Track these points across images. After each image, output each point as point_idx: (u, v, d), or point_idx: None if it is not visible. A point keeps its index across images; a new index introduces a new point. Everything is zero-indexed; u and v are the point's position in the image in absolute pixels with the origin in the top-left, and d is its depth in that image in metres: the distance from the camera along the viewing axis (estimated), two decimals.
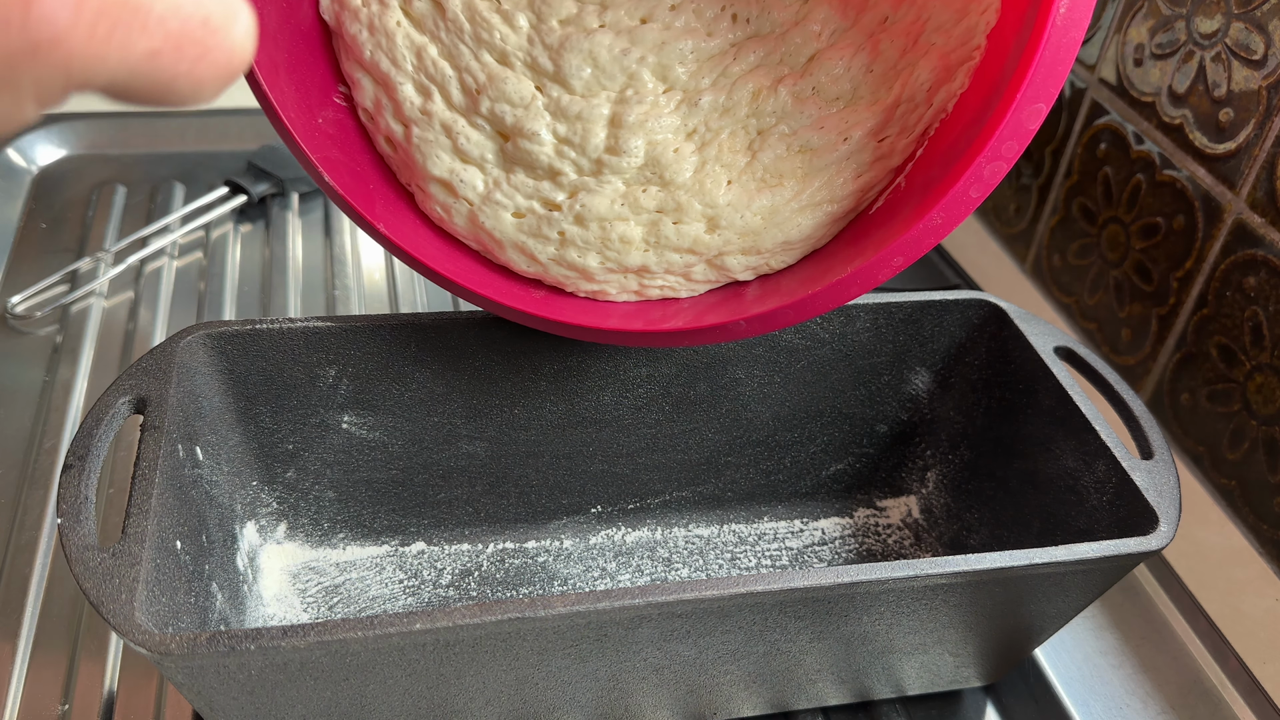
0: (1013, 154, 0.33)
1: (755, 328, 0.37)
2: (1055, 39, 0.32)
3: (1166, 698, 0.45)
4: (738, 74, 0.39)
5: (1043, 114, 0.33)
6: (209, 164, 0.71)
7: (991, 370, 0.47)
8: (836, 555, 0.49)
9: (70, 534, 0.32)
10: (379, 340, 0.42)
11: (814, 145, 0.39)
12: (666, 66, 0.39)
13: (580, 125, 0.39)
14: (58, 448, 0.50)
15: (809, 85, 0.39)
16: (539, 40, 0.39)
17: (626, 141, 0.39)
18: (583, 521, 0.48)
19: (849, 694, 0.42)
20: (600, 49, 0.39)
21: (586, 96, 0.39)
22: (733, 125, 0.39)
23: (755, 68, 0.39)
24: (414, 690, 0.34)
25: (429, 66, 0.39)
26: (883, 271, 0.35)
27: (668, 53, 0.39)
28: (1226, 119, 0.52)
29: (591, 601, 0.32)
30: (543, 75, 0.39)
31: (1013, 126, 0.33)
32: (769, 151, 0.39)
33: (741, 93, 0.39)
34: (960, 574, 0.35)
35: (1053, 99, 0.32)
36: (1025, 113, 0.33)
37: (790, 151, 0.39)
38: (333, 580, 0.45)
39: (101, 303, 0.59)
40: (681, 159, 0.39)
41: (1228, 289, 0.53)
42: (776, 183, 0.39)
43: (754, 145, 0.40)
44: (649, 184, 0.40)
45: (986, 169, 0.33)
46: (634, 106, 0.39)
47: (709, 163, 0.39)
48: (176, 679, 0.32)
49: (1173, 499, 0.39)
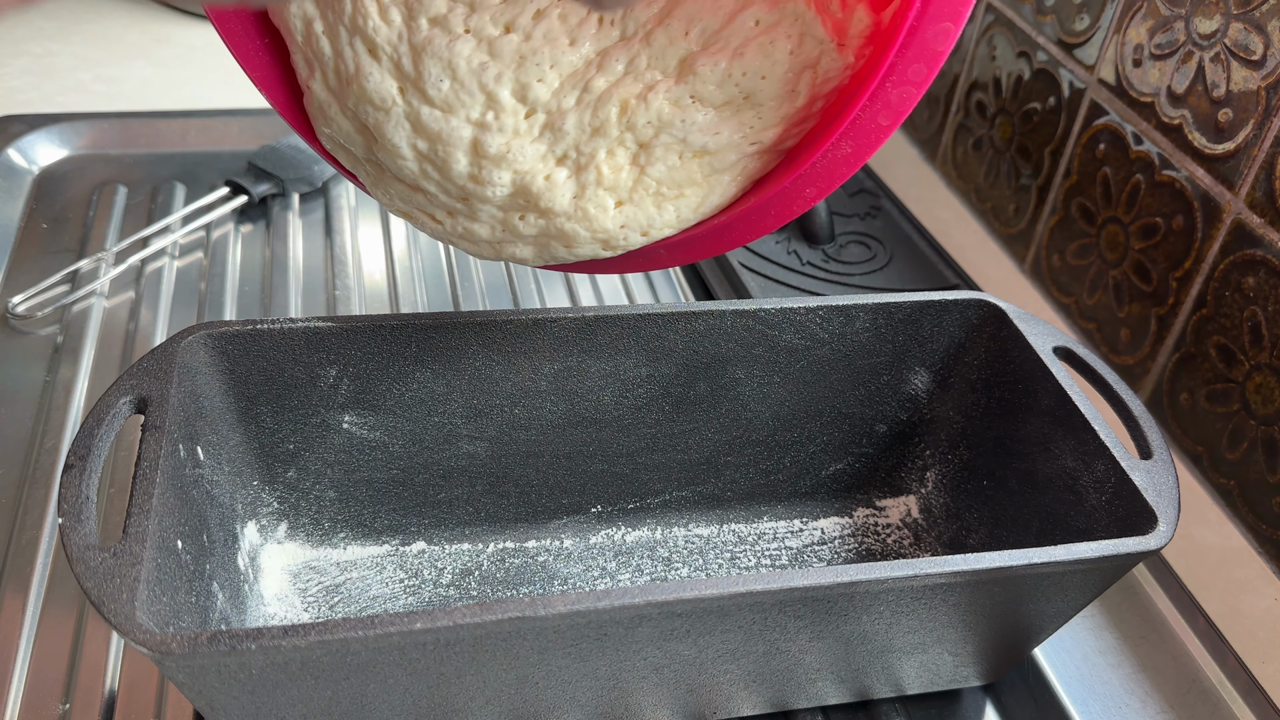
0: (921, 78, 0.33)
1: (675, 256, 0.39)
2: None
3: (1165, 697, 0.45)
4: (602, 88, 0.36)
5: (951, 34, 0.32)
6: (210, 164, 0.71)
7: (991, 370, 0.47)
8: (836, 555, 0.49)
9: (71, 533, 0.32)
10: (379, 340, 0.42)
11: (712, 148, 0.37)
12: (525, 85, 0.36)
13: (441, 148, 0.37)
14: (59, 447, 0.50)
15: (685, 92, 0.36)
16: (407, 38, 0.37)
17: (490, 173, 0.37)
18: (583, 521, 0.49)
19: (848, 693, 0.42)
20: (459, 59, 0.36)
21: (446, 113, 0.36)
22: (608, 144, 0.37)
23: (621, 78, 0.37)
24: (414, 689, 0.34)
25: (314, 42, 0.37)
26: (797, 204, 0.36)
27: (527, 69, 0.36)
28: (1225, 119, 0.52)
29: (591, 601, 0.32)
30: (406, 79, 0.37)
31: (918, 49, 0.32)
32: (658, 165, 0.37)
33: (608, 109, 0.36)
34: (959, 573, 0.35)
35: (961, 19, 0.31)
36: (930, 33, 0.32)
37: (685, 160, 0.37)
38: (333, 580, 0.45)
39: (102, 303, 0.59)
40: (554, 186, 0.37)
41: (1227, 289, 0.53)
42: (677, 194, 0.37)
43: (639, 160, 0.37)
44: (525, 211, 0.37)
45: (894, 94, 0.33)
46: (495, 135, 0.36)
47: (589, 187, 0.37)
48: (177, 678, 0.32)
49: (1171, 499, 0.39)
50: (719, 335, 0.46)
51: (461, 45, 0.36)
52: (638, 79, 0.37)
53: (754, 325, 0.46)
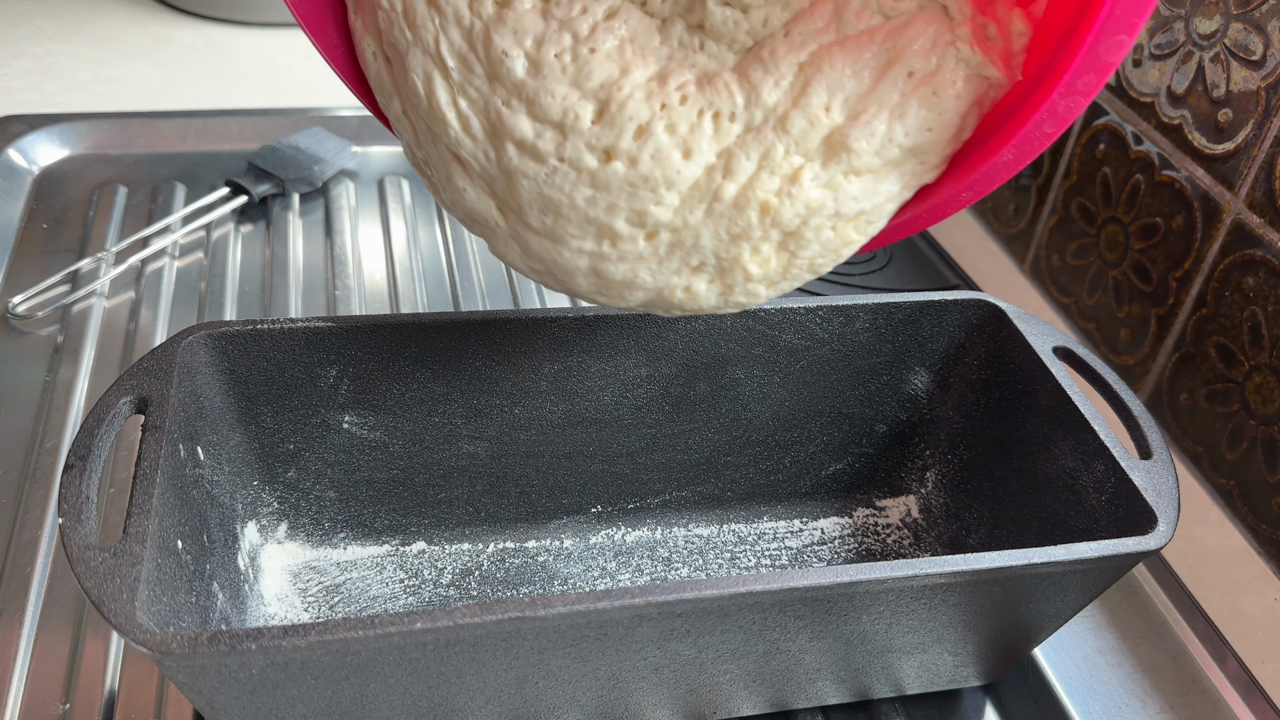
0: (1090, 88, 0.32)
1: None
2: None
3: (1165, 697, 0.45)
4: (733, 194, 0.34)
5: (1126, 45, 0.31)
6: (210, 164, 0.71)
7: (990, 370, 0.47)
8: (836, 555, 0.49)
9: (71, 533, 0.32)
10: (379, 340, 0.42)
11: (869, 209, 0.35)
12: (642, 212, 0.34)
13: (558, 271, 0.36)
14: (59, 447, 0.50)
15: (837, 171, 0.34)
16: (495, 159, 0.35)
17: (618, 293, 0.36)
18: (583, 521, 0.49)
19: (848, 693, 0.42)
20: (559, 195, 0.34)
21: (555, 243, 0.35)
22: (751, 244, 0.35)
23: (755, 175, 0.34)
24: (414, 689, 0.34)
25: (412, 152, 0.36)
26: (949, 209, 0.36)
27: (639, 197, 0.34)
28: (1225, 119, 0.52)
29: (591, 601, 0.32)
30: (503, 202, 0.35)
31: (1090, 60, 0.31)
32: (811, 246, 0.35)
33: (747, 215, 0.34)
34: (959, 573, 0.35)
35: (1136, 30, 0.31)
36: (1105, 45, 0.31)
37: (840, 228, 0.35)
38: (334, 580, 0.45)
39: (103, 303, 0.59)
40: (697, 295, 0.36)
41: (1226, 289, 0.53)
42: (832, 258, 0.36)
43: (788, 246, 0.35)
44: (669, 306, 0.37)
45: (1061, 104, 0.32)
46: (615, 265, 0.35)
47: (735, 286, 0.36)
48: (177, 678, 0.32)
49: (1171, 499, 0.39)
50: (719, 335, 0.46)
51: (559, 179, 0.34)
52: (774, 172, 0.34)
53: (754, 325, 0.46)
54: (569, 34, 0.34)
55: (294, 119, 0.75)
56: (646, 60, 0.34)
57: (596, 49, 0.34)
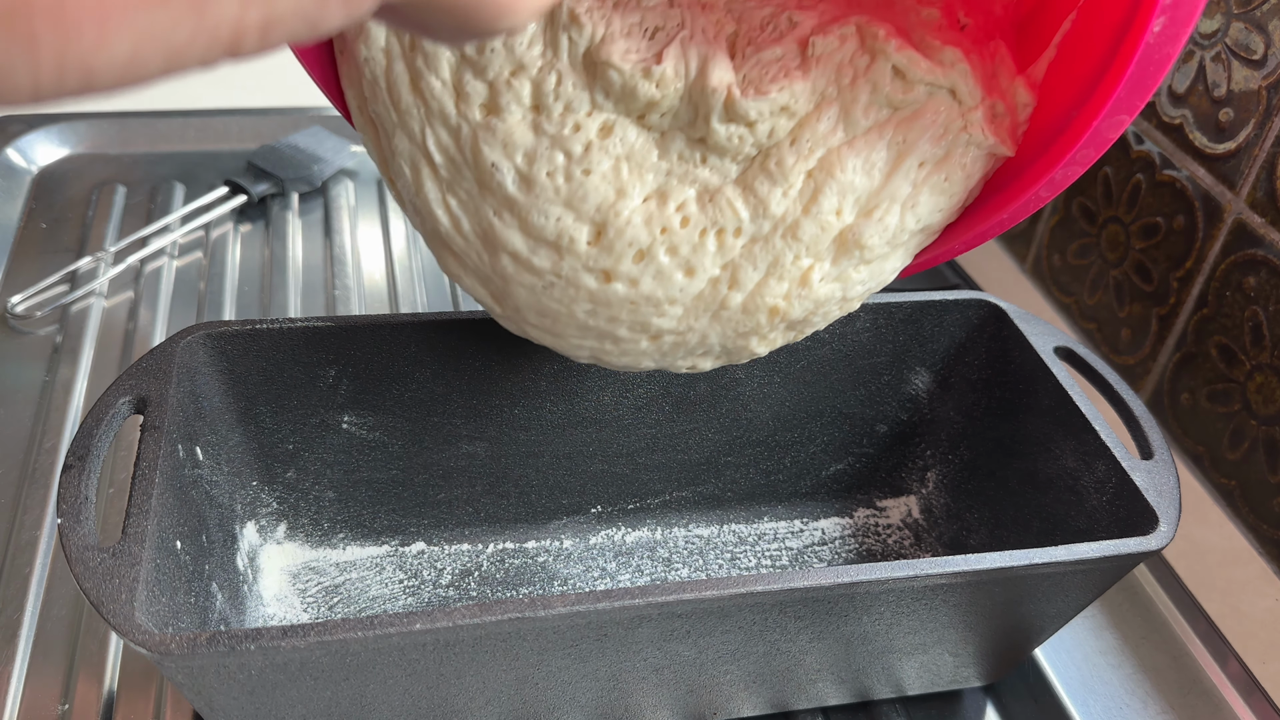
0: (1087, 159, 0.33)
1: None
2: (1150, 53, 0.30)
3: (1166, 698, 0.45)
4: (740, 301, 0.34)
5: (1125, 124, 0.32)
6: (209, 164, 0.71)
7: (991, 370, 0.47)
8: (836, 555, 0.49)
9: (70, 534, 0.32)
10: (379, 340, 0.42)
11: (876, 288, 0.36)
12: (644, 323, 0.34)
13: (561, 349, 0.36)
14: (58, 447, 0.50)
15: (849, 266, 0.34)
16: (489, 263, 0.34)
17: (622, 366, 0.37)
18: (583, 521, 0.48)
19: (849, 694, 0.42)
20: (557, 306, 0.34)
21: (555, 337, 0.36)
22: (759, 336, 0.35)
23: (763, 280, 0.34)
24: (414, 690, 0.34)
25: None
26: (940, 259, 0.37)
27: (642, 311, 0.34)
28: (1226, 119, 0.52)
29: (591, 601, 0.32)
30: (500, 298, 0.35)
31: (1091, 137, 0.32)
32: (817, 324, 0.36)
33: (755, 317, 0.34)
34: (960, 574, 0.35)
35: (1136, 111, 0.31)
36: (1107, 124, 0.32)
37: (845, 305, 0.36)
38: (333, 580, 0.45)
39: (101, 302, 0.59)
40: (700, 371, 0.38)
41: (1227, 289, 0.53)
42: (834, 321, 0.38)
43: (797, 328, 0.36)
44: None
45: (1060, 174, 0.33)
46: (617, 359, 0.36)
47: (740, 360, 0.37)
48: (176, 679, 0.32)
49: (1172, 499, 0.39)
50: None
51: (557, 293, 0.34)
52: (783, 278, 0.34)
53: None
54: (561, 152, 0.33)
55: (293, 118, 0.74)
56: (644, 178, 0.33)
57: (591, 170, 0.33)
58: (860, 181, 0.33)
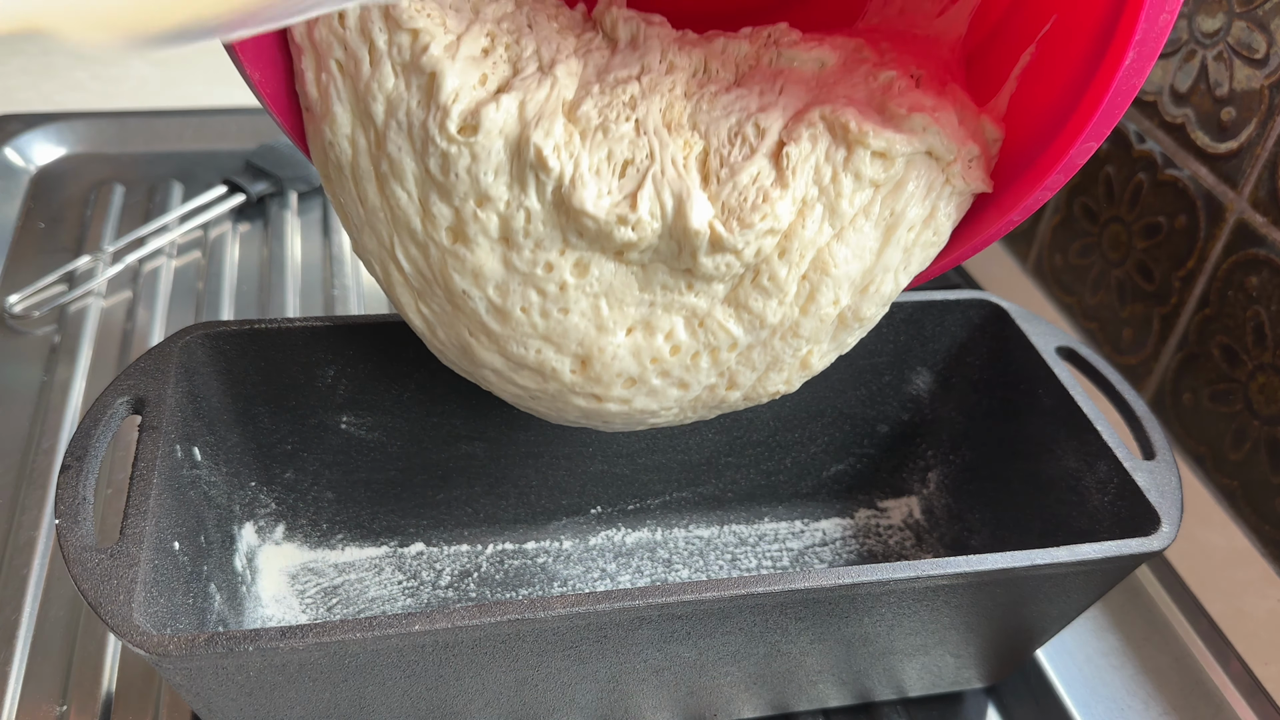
0: (1057, 185, 0.33)
1: None
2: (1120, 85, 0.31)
3: (1168, 699, 0.45)
4: (719, 401, 0.35)
5: (1091, 151, 0.32)
6: (207, 163, 0.71)
7: (993, 370, 0.47)
8: (837, 556, 0.49)
9: (68, 534, 0.32)
10: (378, 340, 0.42)
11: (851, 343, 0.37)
12: (631, 417, 0.35)
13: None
14: (56, 448, 0.50)
15: (834, 350, 0.35)
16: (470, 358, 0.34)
17: None
18: (582, 522, 0.48)
19: (850, 695, 0.42)
20: (547, 410, 0.35)
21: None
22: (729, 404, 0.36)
23: (750, 388, 0.35)
24: (413, 692, 0.34)
25: None
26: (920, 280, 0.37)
27: (632, 420, 0.35)
28: (1228, 118, 0.52)
29: (591, 603, 0.32)
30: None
31: (1065, 167, 0.32)
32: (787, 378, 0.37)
33: (732, 402, 0.35)
34: (962, 575, 0.35)
35: (1103, 137, 0.32)
36: (1077, 151, 0.32)
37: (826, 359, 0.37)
38: (331, 581, 0.45)
39: (100, 302, 0.59)
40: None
41: (1230, 289, 0.52)
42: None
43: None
44: None
45: (1031, 199, 0.33)
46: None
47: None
48: (174, 680, 0.31)
49: (1175, 499, 0.38)
50: None
51: (546, 403, 0.34)
52: (783, 370, 0.35)
53: None
54: (534, 290, 0.32)
55: None
56: (625, 311, 0.33)
57: (569, 309, 0.32)
58: (854, 268, 0.33)
